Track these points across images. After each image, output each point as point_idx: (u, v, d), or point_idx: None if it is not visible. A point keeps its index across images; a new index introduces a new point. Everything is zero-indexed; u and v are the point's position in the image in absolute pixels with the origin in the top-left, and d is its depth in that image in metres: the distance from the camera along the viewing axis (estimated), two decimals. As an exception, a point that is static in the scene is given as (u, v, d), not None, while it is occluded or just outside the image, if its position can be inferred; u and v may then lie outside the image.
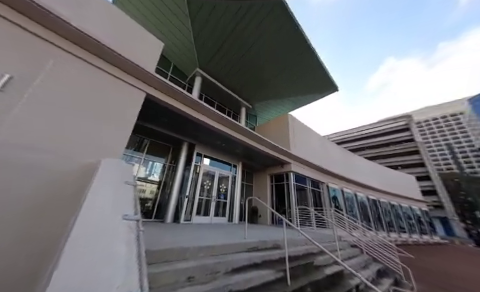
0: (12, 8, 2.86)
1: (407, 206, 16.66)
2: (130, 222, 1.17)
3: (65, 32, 3.24)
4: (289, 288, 2.40)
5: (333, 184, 11.40)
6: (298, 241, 4.16)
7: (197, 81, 9.68)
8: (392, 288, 3.53)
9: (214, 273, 2.25)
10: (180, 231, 4.15)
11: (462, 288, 4.88)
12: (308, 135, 11.32)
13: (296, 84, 11.23)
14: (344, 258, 4.44)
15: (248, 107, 12.55)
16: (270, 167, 9.97)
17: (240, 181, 8.77)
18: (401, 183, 17.83)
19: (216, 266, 2.31)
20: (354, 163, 14.52)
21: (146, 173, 6.75)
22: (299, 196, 9.45)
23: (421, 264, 7.20)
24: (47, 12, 2.94)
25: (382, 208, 14.08)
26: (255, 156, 8.65)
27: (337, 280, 3.26)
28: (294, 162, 9.36)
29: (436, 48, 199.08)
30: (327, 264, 3.72)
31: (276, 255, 3.12)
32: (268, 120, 14.87)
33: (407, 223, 15.57)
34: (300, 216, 8.23)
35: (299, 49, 8.80)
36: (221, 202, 7.76)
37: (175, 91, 4.77)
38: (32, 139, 2.67)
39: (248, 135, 7.19)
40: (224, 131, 6.29)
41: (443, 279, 5.57)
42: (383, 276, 4.52)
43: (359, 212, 12.11)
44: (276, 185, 9.82)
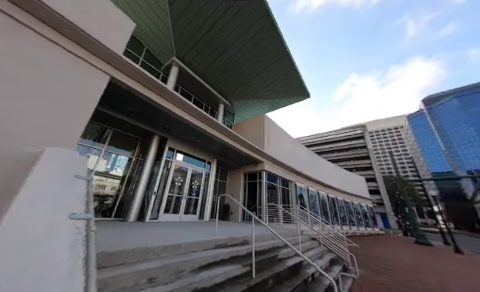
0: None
1: (357, 203, 19.50)
2: (78, 222, 1.03)
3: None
4: (253, 281, 2.53)
5: (300, 183, 12.42)
6: (266, 236, 4.40)
7: (173, 71, 9.09)
8: (341, 274, 4.10)
9: (179, 272, 2.18)
10: (145, 230, 3.87)
11: (390, 269, 6.05)
12: (281, 136, 12.00)
13: (273, 87, 11.71)
14: (304, 250, 4.92)
15: (226, 104, 12.49)
16: (244, 165, 10.19)
17: (214, 178, 8.69)
18: (354, 183, 20.72)
19: (181, 265, 2.24)
20: (319, 165, 16.13)
21: (107, 167, 6.01)
22: (270, 194, 9.97)
23: (364, 252, 8.57)
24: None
25: (338, 205, 16.10)
26: (231, 154, 8.70)
27: (297, 270, 3.59)
28: (267, 161, 9.80)
29: (388, 70, 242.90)
30: (289, 256, 4.05)
31: (244, 250, 3.23)
32: (245, 119, 15.14)
33: (356, 218, 18.25)
34: (269, 213, 8.71)
35: (278, 53, 9.17)
36: (192, 199, 7.55)
37: (146, 78, 4.37)
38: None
39: (225, 132, 7.17)
40: (200, 126, 6.12)
41: (378, 263, 6.79)
42: (334, 264, 5.20)
43: (320, 208, 13.54)
44: (249, 183, 10.10)
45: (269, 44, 8.63)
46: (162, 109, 5.12)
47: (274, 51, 9.04)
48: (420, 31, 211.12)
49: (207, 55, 9.14)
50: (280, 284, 2.93)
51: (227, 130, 7.10)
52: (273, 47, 8.80)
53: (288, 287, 2.82)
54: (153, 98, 4.73)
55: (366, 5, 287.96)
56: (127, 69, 4.06)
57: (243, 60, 9.47)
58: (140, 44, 8.67)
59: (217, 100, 12.07)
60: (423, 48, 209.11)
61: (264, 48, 8.83)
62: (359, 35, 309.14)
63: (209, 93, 11.34)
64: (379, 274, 5.38)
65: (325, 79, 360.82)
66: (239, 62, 9.58)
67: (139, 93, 4.47)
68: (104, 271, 1.78)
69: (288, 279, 3.14)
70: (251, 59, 9.45)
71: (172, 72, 9.06)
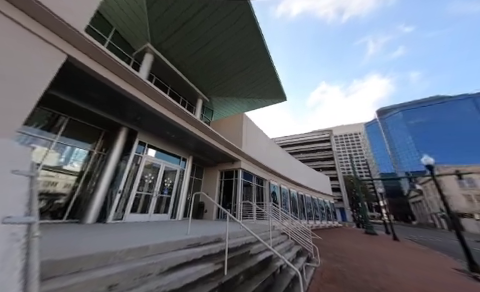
0: None
1: (322, 200, 21.68)
2: (14, 227, 0.86)
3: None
4: (225, 278, 2.56)
5: (274, 181, 13.08)
6: (239, 233, 4.49)
7: (147, 59, 8.33)
8: (305, 264, 4.52)
9: (145, 276, 2.04)
10: (106, 232, 3.48)
11: (344, 257, 6.98)
12: (258, 136, 12.36)
13: (253, 86, 11.91)
14: (274, 244, 5.22)
15: (205, 100, 12.15)
16: (221, 163, 10.14)
17: (189, 176, 8.39)
18: (320, 182, 22.94)
19: (148, 268, 2.11)
20: (292, 164, 17.27)
21: (60, 161, 5.15)
22: (245, 192, 10.20)
23: (325, 243, 9.62)
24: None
25: (306, 201, 17.60)
26: (208, 151, 8.53)
27: (267, 264, 3.79)
28: (244, 160, 9.98)
29: (351, 82, 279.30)
30: (261, 251, 4.24)
31: (217, 248, 3.23)
32: (224, 117, 15.04)
33: (320, 213, 20.29)
34: (244, 210, 8.91)
35: (258, 54, 9.31)
36: (164, 198, 7.13)
37: (113, 62, 3.90)
38: None
39: (202, 129, 6.98)
40: (175, 121, 5.80)
41: (335, 252, 7.74)
42: (300, 255, 5.69)
43: (290, 205, 14.55)
44: (225, 181, 10.12)
45: (250, 43, 8.71)
46: (132, 99, 4.66)
47: (255, 51, 9.16)
48: (377, 51, 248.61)
49: (187, 46, 8.68)
50: (250, 279, 3.05)
51: (205, 126, 6.93)
52: (254, 47, 8.91)
53: (258, 281, 2.96)
54: (121, 86, 4.26)
55: (337, 21, 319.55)
56: (89, 49, 3.54)
57: (224, 56, 9.33)
58: (108, 23, 7.65)
59: (196, 95, 11.63)
60: (379, 66, 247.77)
61: (245, 47, 8.87)
62: (329, 47, 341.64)
63: (187, 87, 10.83)
64: (336, 262, 6.13)
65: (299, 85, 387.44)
66: (220, 58, 9.41)
67: (104, 79, 3.96)
68: (53, 282, 1.54)
69: (258, 273, 3.29)
70: (232, 56, 9.39)
71: (146, 60, 8.30)
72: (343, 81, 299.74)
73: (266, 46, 8.97)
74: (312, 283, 4.18)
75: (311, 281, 4.25)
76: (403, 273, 5.50)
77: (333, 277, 4.62)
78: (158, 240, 2.75)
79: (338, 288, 4.00)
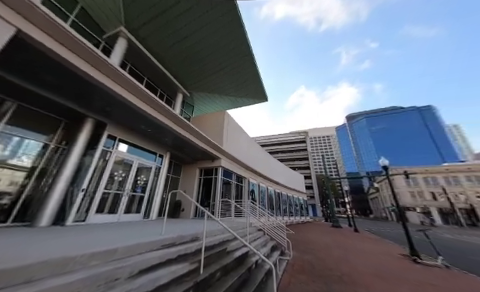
0: None
1: (296, 197, 23.15)
2: None
3: None
4: (200, 277, 2.55)
5: (253, 180, 13.41)
6: (217, 231, 4.50)
7: (120, 43, 7.57)
8: (279, 258, 4.80)
9: (111, 281, 1.89)
10: (65, 236, 3.08)
11: (313, 249, 7.67)
12: (239, 134, 12.47)
13: (236, 85, 11.92)
14: (251, 240, 5.39)
15: (185, 95, 11.67)
16: (201, 161, 9.92)
17: (165, 173, 7.98)
18: (296, 180, 24.44)
19: (115, 272, 1.96)
20: (270, 163, 17.94)
21: (4, 154, 4.33)
22: (224, 190, 10.21)
23: (297, 237, 10.34)
24: None
25: (282, 199, 18.55)
26: (187, 148, 8.24)
27: (243, 260, 3.90)
28: (224, 158, 9.96)
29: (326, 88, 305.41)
30: (237, 248, 4.33)
31: (194, 247, 3.19)
32: (205, 113, 14.70)
33: (295, 209, 21.67)
34: (222, 208, 8.93)
35: (242, 52, 9.32)
36: (137, 196, 6.65)
37: (76, 41, 3.43)
38: None
39: (181, 124, 6.70)
40: (151, 114, 5.43)
41: (306, 245, 8.41)
42: (275, 250, 6.01)
43: (267, 202, 15.15)
44: (205, 179, 9.95)
45: (234, 41, 8.68)
46: (100, 86, 4.19)
47: (238, 50, 9.16)
48: (349, 62, 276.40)
49: (165, 36, 8.16)
50: (227, 275, 3.10)
51: (184, 122, 6.67)
52: (237, 45, 8.90)
53: (234, 277, 3.03)
54: (86, 70, 3.78)
55: (316, 30, 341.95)
56: (43, 22, 3.04)
57: (206, 52, 9.09)
58: None
59: (175, 89, 11.07)
60: (349, 76, 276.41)
61: (228, 44, 8.80)
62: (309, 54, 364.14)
63: (167, 79, 10.23)
64: (306, 254, 6.66)
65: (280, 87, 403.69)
66: (201, 53, 9.14)
67: (63, 59, 3.46)
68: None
69: (234, 270, 3.36)
70: (214, 53, 9.21)
71: (118, 44, 7.53)
72: (319, 87, 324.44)
73: (250, 46, 9.05)
74: (284, 275, 4.47)
75: (283, 273, 4.54)
76: (360, 260, 6.30)
77: (303, 268, 5.02)
78: (128, 242, 2.57)
79: (307, 277, 4.37)
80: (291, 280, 4.15)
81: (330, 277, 4.49)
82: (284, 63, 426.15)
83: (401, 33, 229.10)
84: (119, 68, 4.26)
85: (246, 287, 3.08)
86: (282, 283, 3.97)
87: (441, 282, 4.65)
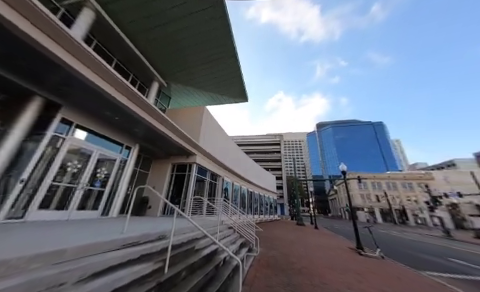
0: None
1: (267, 196, 24.33)
2: None
3: None
4: (165, 276, 2.46)
5: (227, 178, 13.49)
6: (186, 229, 4.39)
7: (85, 14, 6.54)
8: (246, 254, 4.99)
9: (55, 287, 1.66)
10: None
11: (279, 245, 8.26)
12: (217, 131, 12.34)
13: (217, 82, 11.72)
14: (221, 238, 5.44)
15: (162, 84, 10.89)
16: (175, 156, 9.45)
17: (132, 167, 7.31)
18: (268, 180, 25.65)
19: (60, 277, 1.72)
20: (246, 163, 18.34)
21: None
22: (197, 187, 9.98)
23: (265, 234, 10.91)
24: None
25: (254, 198, 19.23)
26: (160, 142, 7.72)
27: (211, 257, 3.92)
28: (200, 155, 9.72)
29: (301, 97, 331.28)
30: (207, 246, 4.33)
31: (159, 246, 3.04)
32: (183, 107, 14.02)
33: (265, 208, 22.75)
34: (194, 205, 8.72)
35: (226, 50, 9.20)
36: (94, 191, 5.91)
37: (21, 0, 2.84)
38: None
39: (156, 116, 6.24)
40: (119, 100, 4.86)
41: (272, 242, 8.98)
42: (243, 247, 6.21)
43: (240, 201, 15.49)
44: (177, 175, 9.52)
45: (219, 37, 8.52)
46: (54, 60, 3.55)
47: (223, 45, 8.98)
48: (322, 74, 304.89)
49: (144, 17, 7.44)
50: (193, 273, 3.07)
51: (158, 113, 6.23)
52: (223, 41, 8.73)
53: (200, 275, 3.02)
54: (37, 39, 3.15)
55: (297, 40, 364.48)
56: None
57: (190, 42, 8.66)
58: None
59: (151, 76, 10.21)
60: (322, 87, 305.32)
61: (214, 38, 8.57)
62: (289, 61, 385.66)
63: (141, 65, 9.34)
64: (272, 250, 7.12)
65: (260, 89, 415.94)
66: (185, 42, 8.66)
67: (6, 21, 2.82)
68: None
69: (201, 268, 3.35)
70: (199, 45, 8.85)
71: (83, 15, 6.50)
72: (296, 94, 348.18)
73: (234, 44, 9.00)
74: (251, 270, 4.68)
75: (250, 268, 4.75)
76: (317, 254, 7.09)
77: (268, 263, 5.35)
78: (80, 241, 2.28)
79: (271, 271, 4.68)
80: (256, 274, 4.38)
81: (291, 270, 4.91)
82: (266, 66, 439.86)
83: (364, 57, 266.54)
84: (81, 42, 3.69)
85: (212, 284, 3.11)
86: (248, 278, 4.16)
87: (377, 270, 5.62)
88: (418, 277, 5.29)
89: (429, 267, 6.73)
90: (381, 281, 4.66)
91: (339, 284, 4.24)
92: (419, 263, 7.32)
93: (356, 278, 4.75)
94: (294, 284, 4.03)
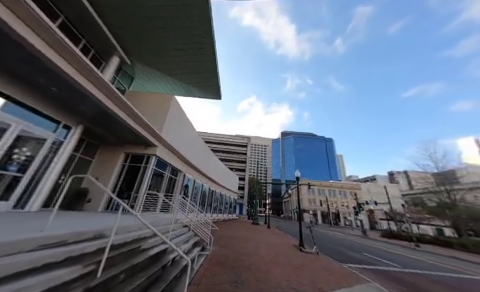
0: None
1: (228, 195, 24.77)
2: None
3: None
4: (97, 280, 2.16)
5: (190, 174, 12.96)
6: (133, 227, 3.98)
7: None
8: (199, 253, 4.95)
9: None
10: None
11: (232, 243, 8.58)
12: (184, 125, 11.70)
13: (190, 73, 11.11)
14: (173, 237, 5.20)
15: (124, 61, 9.47)
16: (130, 144, 8.38)
17: (70, 151, 6.05)
18: (231, 180, 26.12)
19: None
20: (212, 161, 18.08)
21: None
22: (154, 181, 9.17)
23: (221, 233, 11.08)
24: None
25: (215, 196, 19.21)
26: (113, 126, 6.68)
27: (159, 257, 3.70)
28: (162, 147, 8.97)
29: (271, 104, 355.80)
30: (155, 245, 4.05)
31: (94, 246, 2.64)
32: (148, 92, 12.59)
33: (225, 207, 23.07)
34: (148, 201, 7.97)
35: (203, 43, 8.84)
36: (6, 177, 4.58)
37: None
38: None
39: (110, 94, 5.36)
40: (57, 64, 3.88)
41: (226, 240, 9.22)
42: (196, 246, 6.12)
43: (200, 198, 15.15)
44: (130, 166, 8.47)
45: (198, 27, 8.09)
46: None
47: (200, 37, 8.61)
48: (292, 88, 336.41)
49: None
50: (134, 275, 2.82)
51: (114, 92, 5.37)
52: (202, 32, 8.32)
53: (142, 277, 2.80)
54: None
55: (274, 50, 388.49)
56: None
57: (166, 24, 7.86)
58: None
59: (111, 49, 8.73)
60: (289, 100, 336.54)
61: (193, 27, 8.07)
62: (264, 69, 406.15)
63: (99, 31, 7.84)
64: (225, 248, 7.30)
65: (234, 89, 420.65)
66: (160, 22, 7.80)
67: None
68: None
69: (146, 269, 3.11)
70: (177, 29, 8.15)
71: None
72: (266, 101, 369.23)
73: (213, 38, 8.71)
74: (201, 268, 4.67)
75: (200, 267, 4.73)
76: (266, 251, 7.74)
77: (219, 261, 5.47)
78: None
79: (221, 269, 4.80)
80: (206, 273, 4.41)
81: (241, 267, 5.19)
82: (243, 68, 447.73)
83: (326, 80, 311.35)
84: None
85: (156, 286, 2.94)
86: (197, 277, 4.14)
87: (311, 264, 6.61)
88: (340, 268, 6.54)
89: (349, 260, 8.43)
90: (313, 273, 5.52)
91: (280, 278, 4.78)
92: (342, 257, 9.07)
93: (295, 272, 5.46)
94: (241, 280, 4.27)
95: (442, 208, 25.44)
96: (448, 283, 6.50)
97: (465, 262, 11.59)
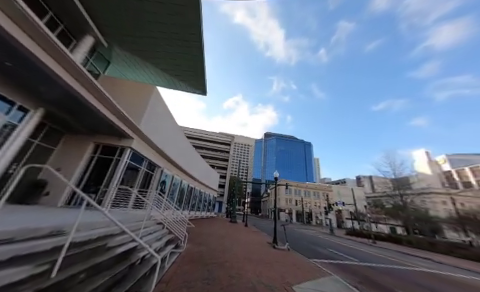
0: None
1: (208, 193, 24.52)
2: None
3: None
4: (51, 281, 1.98)
5: (168, 170, 12.46)
6: (99, 223, 3.70)
7: None
8: (171, 251, 4.84)
9: None
10: None
11: (209, 241, 8.59)
12: (165, 118, 11.19)
13: (175, 64, 10.58)
14: (145, 235, 4.98)
15: (100, 42, 8.61)
16: (101, 134, 7.70)
17: (25, 137, 5.30)
18: (212, 178, 25.89)
19: None
20: (193, 157, 17.64)
21: None
22: (128, 176, 8.61)
23: (198, 230, 10.97)
24: None
25: (194, 194, 18.84)
26: (81, 112, 6.05)
27: (127, 256, 3.52)
28: (139, 139, 8.45)
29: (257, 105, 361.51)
30: (124, 243, 3.84)
31: (50, 244, 2.40)
32: (128, 79, 11.65)
33: (203, 205, 22.79)
34: (119, 197, 7.45)
35: (190, 34, 8.44)
36: None
37: None
38: None
39: (81, 78, 4.84)
40: (11, 34, 3.36)
41: (203, 237, 9.18)
42: (170, 243, 5.97)
43: (178, 195, 14.71)
44: (101, 158, 7.79)
45: (186, 17, 7.74)
46: None
47: (190, 28, 8.20)
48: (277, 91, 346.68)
49: None
50: (97, 275, 2.64)
51: (84, 75, 4.86)
52: (190, 22, 7.97)
53: (106, 276, 2.65)
54: None
55: (263, 52, 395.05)
56: None
57: (151, 8, 7.36)
58: None
59: (84, 27, 7.85)
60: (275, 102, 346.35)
61: (180, 15, 7.67)
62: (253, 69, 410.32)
63: (71, 6, 6.96)
64: (201, 245, 7.27)
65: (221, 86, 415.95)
66: (146, 6, 7.26)
67: None
68: None
69: (111, 267, 2.94)
70: (164, 17, 7.66)
71: None
72: (253, 101, 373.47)
73: (202, 31, 8.38)
74: (172, 266, 4.58)
75: (172, 265, 4.64)
76: (241, 248, 7.94)
77: (192, 259, 5.44)
78: None
79: (193, 267, 4.79)
80: (177, 270, 4.35)
81: (214, 264, 5.24)
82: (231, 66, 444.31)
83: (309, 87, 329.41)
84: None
85: (121, 285, 2.80)
86: (167, 275, 4.06)
87: (282, 259, 7.01)
88: (307, 263, 7.08)
89: (316, 255, 9.17)
90: (283, 268, 5.87)
91: (252, 273, 4.97)
92: (311, 252, 9.81)
93: (266, 267, 5.73)
94: (213, 277, 4.33)
95: (396, 210, 29.45)
96: (394, 274, 7.58)
97: (409, 256, 13.60)
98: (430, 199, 44.73)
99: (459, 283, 7.67)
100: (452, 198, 45.91)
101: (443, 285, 7.04)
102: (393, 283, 6.26)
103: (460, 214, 29.58)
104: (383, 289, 5.60)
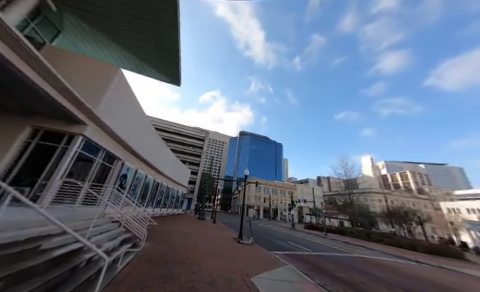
0: None
1: (176, 190, 23.42)
2: None
3: None
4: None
5: (130, 163, 11.32)
6: (31, 223, 3.13)
7: None
8: (127, 251, 4.47)
9: None
10: None
11: (172, 239, 8.29)
12: (131, 105, 10.09)
13: (146, 47, 9.55)
14: (95, 234, 4.46)
15: (47, 5, 7.05)
16: (42, 116, 6.42)
17: None
18: (182, 174, 24.79)
19: None
20: (161, 151, 16.44)
21: None
22: (78, 168, 7.44)
23: (161, 229, 10.41)
24: None
25: (160, 190, 17.69)
26: (13, 86, 4.88)
27: (67, 258, 3.09)
28: (95, 126, 7.38)
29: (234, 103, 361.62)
30: (66, 244, 3.36)
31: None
32: (85, 55, 9.92)
33: (170, 201, 21.67)
34: (64, 192, 6.38)
35: (166, 12, 7.65)
36: None
37: None
38: None
39: (14, 42, 3.88)
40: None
41: (166, 236, 8.80)
42: (125, 243, 5.49)
43: (141, 191, 13.55)
44: (40, 145, 6.49)
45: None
46: None
47: (164, 5, 7.47)
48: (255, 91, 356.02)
49: None
50: (26, 281, 2.25)
51: (19, 39, 3.92)
52: (163, 7, 7.31)
53: (36, 282, 2.27)
54: None
55: (243, 51, 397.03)
56: None
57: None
58: None
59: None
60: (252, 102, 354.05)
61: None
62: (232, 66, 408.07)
63: None
64: (162, 244, 6.95)
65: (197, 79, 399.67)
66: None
67: None
68: None
69: (44, 272, 2.53)
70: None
71: None
72: (230, 98, 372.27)
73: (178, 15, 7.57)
74: (127, 267, 4.26)
75: (126, 265, 4.31)
76: (206, 244, 7.95)
77: (151, 258, 5.17)
78: None
79: (151, 266, 4.56)
80: (132, 271, 4.08)
81: (175, 262, 5.11)
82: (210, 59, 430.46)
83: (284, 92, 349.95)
84: None
85: (56, 291, 2.46)
86: (119, 276, 3.76)
87: (245, 253, 7.37)
88: (268, 255, 7.64)
89: (276, 248, 9.96)
90: (244, 262, 6.18)
91: (213, 268, 5.07)
92: (272, 245, 10.60)
93: (228, 262, 5.93)
94: (172, 275, 4.23)
95: (345, 206, 34.65)
96: (337, 261, 8.95)
97: (350, 245, 16.22)
98: (370, 197, 54.83)
99: (381, 264, 9.66)
100: (385, 197, 57.47)
101: (370, 266, 8.74)
102: (335, 268, 7.39)
103: (389, 210, 37.14)
104: (327, 274, 6.56)
